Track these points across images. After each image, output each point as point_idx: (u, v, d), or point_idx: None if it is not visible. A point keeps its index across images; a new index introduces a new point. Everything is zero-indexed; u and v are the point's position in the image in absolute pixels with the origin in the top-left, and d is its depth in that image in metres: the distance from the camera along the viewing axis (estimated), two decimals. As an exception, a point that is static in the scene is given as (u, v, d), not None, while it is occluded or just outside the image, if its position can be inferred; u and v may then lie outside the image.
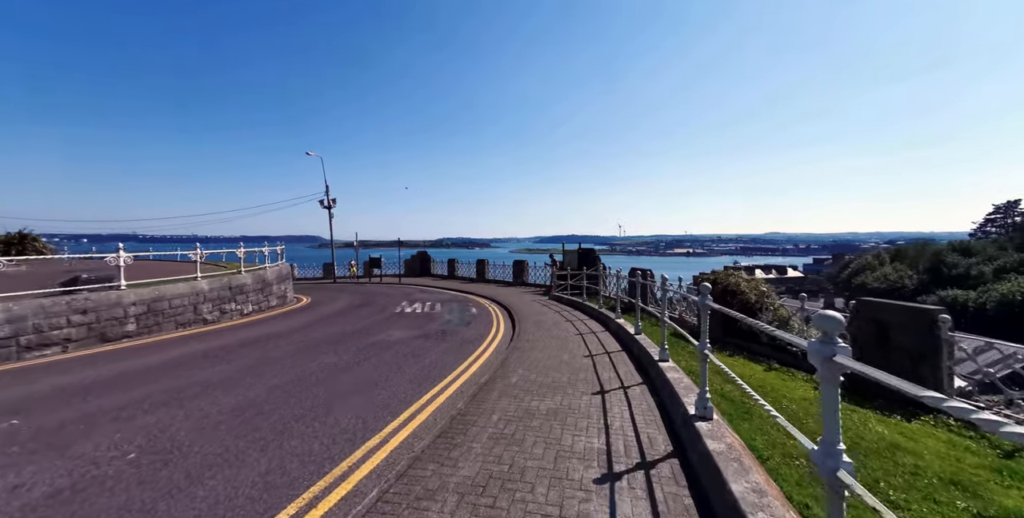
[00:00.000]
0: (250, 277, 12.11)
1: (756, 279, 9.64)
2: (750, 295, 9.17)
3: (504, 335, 9.41)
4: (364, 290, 21.21)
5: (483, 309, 13.61)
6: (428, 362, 6.63)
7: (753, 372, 7.30)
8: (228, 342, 8.12)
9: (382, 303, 15.10)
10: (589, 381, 5.38)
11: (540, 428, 3.86)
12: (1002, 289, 42.63)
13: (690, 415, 3.53)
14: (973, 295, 45.15)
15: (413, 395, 5.02)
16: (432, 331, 9.44)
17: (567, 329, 9.37)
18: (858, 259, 77.90)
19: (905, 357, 6.18)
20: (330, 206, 32.05)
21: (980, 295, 44.73)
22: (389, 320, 11.03)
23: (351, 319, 11.23)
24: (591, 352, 7.09)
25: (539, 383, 5.28)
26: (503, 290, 19.66)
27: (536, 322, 10.49)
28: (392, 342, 8.17)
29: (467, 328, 10.03)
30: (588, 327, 9.59)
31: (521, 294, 17.93)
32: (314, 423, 4.19)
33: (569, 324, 10.05)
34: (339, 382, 5.57)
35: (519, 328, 9.70)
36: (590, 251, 18.93)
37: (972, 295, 45.46)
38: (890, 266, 65.58)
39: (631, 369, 5.95)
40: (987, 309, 39.92)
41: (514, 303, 14.64)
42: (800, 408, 5.36)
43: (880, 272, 64.84)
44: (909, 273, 61.05)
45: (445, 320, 11.13)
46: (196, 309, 9.80)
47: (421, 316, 11.83)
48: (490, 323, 10.94)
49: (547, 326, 9.81)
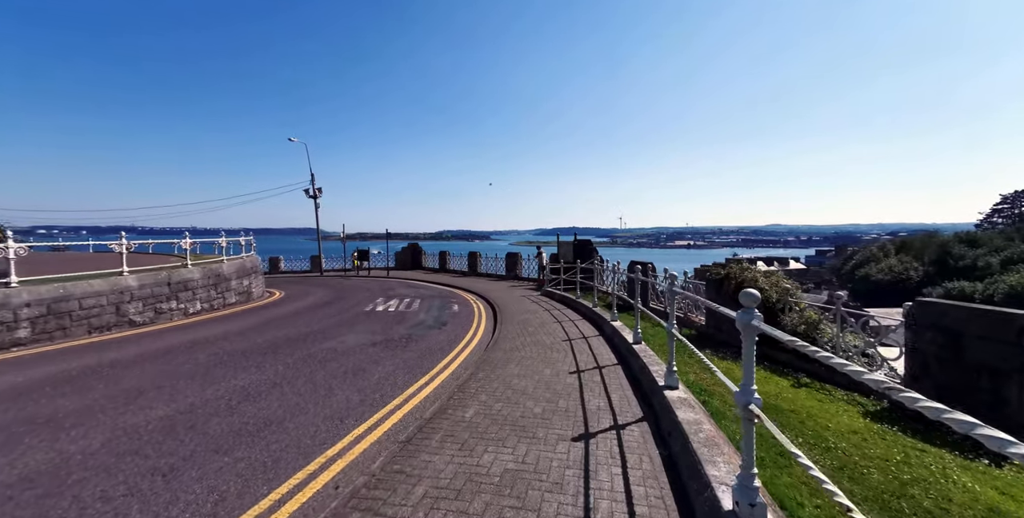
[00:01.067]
0: (198, 271, 10.66)
1: (776, 274, 8.21)
2: (770, 293, 7.74)
3: (481, 340, 8.00)
4: (345, 284, 19.80)
5: (466, 307, 12.19)
6: (370, 383, 5.21)
7: (779, 389, 5.90)
8: (137, 352, 6.68)
9: (356, 299, 13.68)
10: (571, 415, 3.96)
11: (484, 515, 2.45)
12: (1010, 281, 41.32)
13: (724, 511, 2.11)
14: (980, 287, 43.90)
15: (316, 447, 3.49)
16: (396, 336, 8.03)
17: (555, 332, 7.96)
18: (862, 251, 76.60)
19: (984, 376, 4.77)
20: (316, 195, 30.50)
21: (987, 287, 43.47)
22: (352, 321, 9.61)
23: (310, 320, 9.82)
24: (579, 366, 5.67)
25: (503, 419, 3.86)
26: (493, 285, 18.25)
27: (521, 323, 9.08)
28: (340, 352, 6.75)
29: (439, 331, 8.62)
30: (579, 330, 8.18)
31: (511, 289, 16.52)
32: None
33: (558, 326, 8.64)
34: (228, 420, 4.05)
35: (500, 331, 8.29)
36: (586, 243, 17.47)
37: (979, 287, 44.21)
38: (895, 258, 64.34)
39: (628, 395, 4.53)
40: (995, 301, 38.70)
41: (502, 299, 13.22)
42: (854, 448, 3.97)
43: (885, 264, 63.57)
44: (915, 265, 59.84)
45: (417, 321, 9.71)
46: (119, 309, 8.37)
47: (391, 316, 10.42)
48: (468, 324, 9.52)
49: (532, 328, 8.40)
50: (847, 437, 4.32)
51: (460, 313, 11.03)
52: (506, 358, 6.17)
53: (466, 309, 11.74)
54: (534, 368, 5.61)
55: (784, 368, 6.89)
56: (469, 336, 8.28)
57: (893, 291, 55.22)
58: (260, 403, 4.43)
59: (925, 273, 56.94)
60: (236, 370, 5.65)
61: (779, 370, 6.86)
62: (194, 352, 6.63)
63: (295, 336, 7.93)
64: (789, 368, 6.88)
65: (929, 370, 5.36)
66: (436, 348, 7.19)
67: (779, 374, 6.70)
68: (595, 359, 6.04)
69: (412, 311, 11.25)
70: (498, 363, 5.89)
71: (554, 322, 9.09)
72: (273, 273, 29.58)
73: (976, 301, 40.56)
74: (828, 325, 6.87)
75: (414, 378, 5.45)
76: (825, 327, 6.88)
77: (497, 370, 5.54)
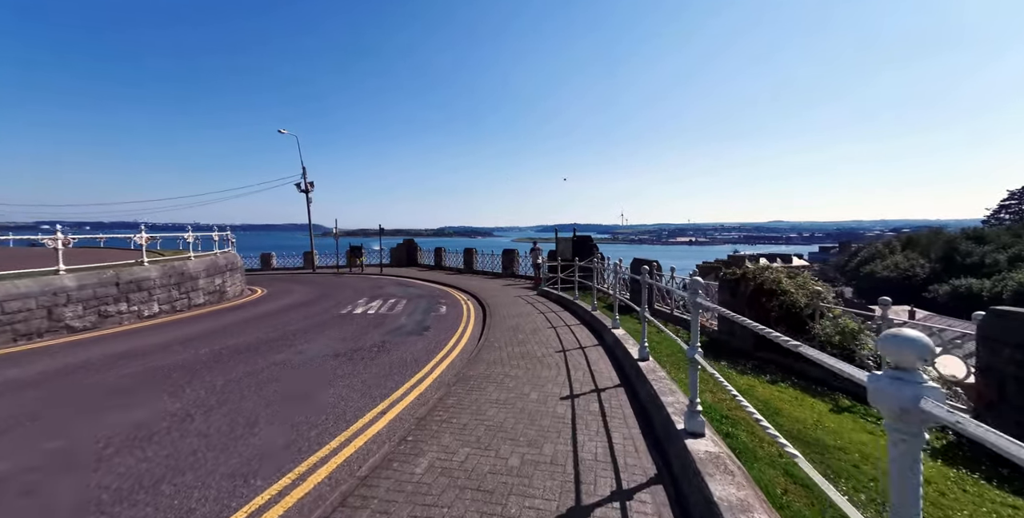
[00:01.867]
0: (156, 270, 9.63)
1: (803, 274, 7.15)
2: (796, 296, 6.69)
3: (464, 349, 6.97)
4: (334, 282, 18.80)
5: (454, 308, 11.15)
6: (310, 414, 4.15)
7: (818, 416, 4.86)
8: (44, 368, 5.59)
9: (337, 299, 12.66)
10: (558, 470, 2.93)
11: None
12: (1018, 277, 40.17)
13: None
14: (988, 284, 42.77)
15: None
16: (367, 345, 7.00)
17: (547, 341, 6.92)
18: (867, 247, 75.37)
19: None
20: (307, 190, 29.43)
21: (995, 284, 42.34)
22: (323, 326, 8.59)
23: (278, 323, 8.80)
24: (573, 388, 4.63)
25: (465, 476, 2.83)
26: (488, 283, 17.21)
27: (512, 328, 8.04)
28: (293, 367, 5.71)
29: (418, 338, 7.59)
30: (576, 338, 7.14)
31: (506, 288, 15.48)
32: None
33: (552, 332, 7.60)
34: (69, 486, 2.92)
35: (485, 339, 7.25)
36: (586, 239, 16.39)
37: (987, 284, 43.06)
38: (901, 254, 63.14)
39: (634, 436, 3.49)
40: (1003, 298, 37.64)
41: (494, 300, 12.19)
42: (932, 507, 2.96)
43: (890, 260, 62.41)
44: (921, 262, 58.69)
45: (396, 326, 8.68)
46: (53, 313, 7.36)
47: (370, 319, 9.38)
48: (453, 329, 8.49)
49: (523, 335, 7.36)
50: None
51: (446, 316, 9.99)
52: (487, 375, 5.14)
53: (454, 311, 10.71)
54: (519, 390, 4.58)
55: (818, 386, 5.85)
56: (451, 344, 7.25)
57: (899, 288, 54.12)
58: (146, 450, 3.36)
59: (931, 270, 55.87)
60: (146, 395, 4.59)
61: (812, 388, 5.82)
62: (112, 368, 5.58)
63: (250, 345, 6.91)
64: (823, 386, 5.83)
65: (1006, 395, 4.32)
66: (409, 361, 6.15)
67: (812, 393, 5.67)
68: (593, 378, 5.00)
69: (394, 313, 10.22)
70: (476, 383, 4.85)
71: (548, 327, 8.05)
72: (264, 270, 28.66)
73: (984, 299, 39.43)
74: (870, 335, 5.81)
75: (369, 405, 4.41)
76: (867, 338, 5.82)
77: (473, 393, 4.51)
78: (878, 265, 66.39)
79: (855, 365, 5.11)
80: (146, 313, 9.23)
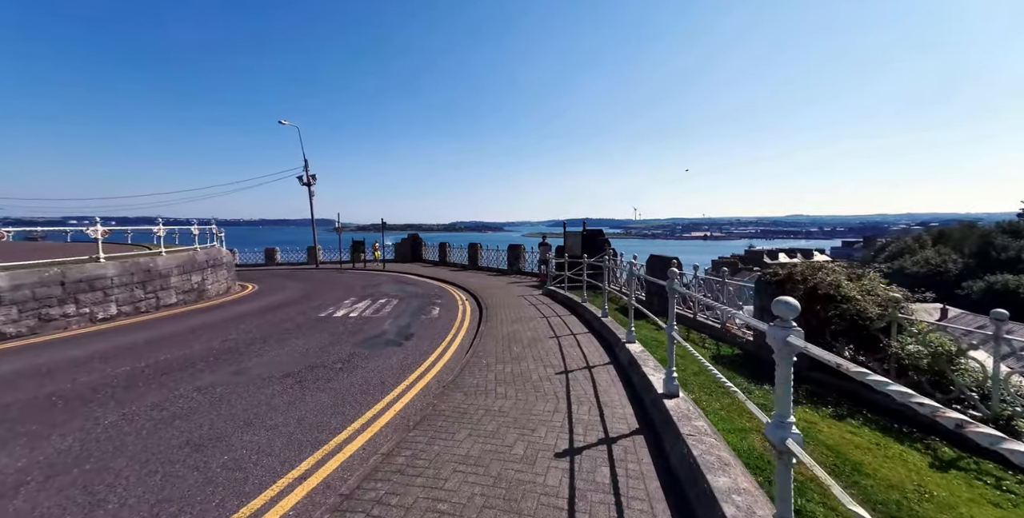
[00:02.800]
0: (113, 267, 8.61)
1: (869, 275, 5.70)
2: (864, 304, 5.25)
3: (445, 367, 5.73)
4: (329, 279, 17.82)
5: (449, 310, 9.93)
6: (200, 480, 2.95)
7: (915, 474, 3.49)
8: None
9: (324, 299, 11.58)
10: None
11: None
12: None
13: None
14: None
15: None
16: (331, 360, 5.81)
17: (547, 356, 5.64)
18: (895, 242, 72.13)
19: None
20: (309, 183, 28.53)
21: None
22: (291, 333, 7.45)
23: (241, 329, 7.70)
24: (573, 440, 3.34)
25: None
26: (491, 281, 15.98)
27: (508, 338, 6.78)
28: (219, 394, 4.52)
29: (396, 350, 6.38)
30: (582, 352, 5.84)
31: (510, 286, 14.22)
32: None
33: (553, 343, 6.32)
34: None
35: (474, 352, 6.01)
36: (596, 234, 14.97)
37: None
38: (931, 249, 60.15)
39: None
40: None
41: (495, 300, 10.95)
42: None
43: (921, 255, 59.41)
44: (953, 257, 55.84)
45: (376, 333, 7.49)
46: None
47: (349, 324, 8.23)
48: (440, 338, 7.27)
49: (519, 348, 6.09)
50: None
51: (436, 320, 8.77)
52: (463, 411, 3.89)
53: (447, 315, 9.48)
54: (499, 439, 3.32)
55: (900, 423, 4.44)
56: (432, 359, 6.02)
57: (929, 284, 51.28)
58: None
59: (965, 266, 52.98)
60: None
61: (892, 427, 4.42)
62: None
63: (186, 360, 5.76)
64: (908, 423, 4.43)
65: None
66: (373, 384, 4.94)
67: (896, 434, 4.27)
68: (602, 419, 3.70)
69: (379, 317, 9.04)
70: (446, 423, 3.61)
71: (550, 337, 6.77)
72: (268, 265, 27.96)
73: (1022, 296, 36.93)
74: (973, 359, 4.36)
75: (288, 463, 3.18)
76: (969, 362, 4.37)
77: (437, 443, 3.26)
78: (907, 260, 63.39)
79: (950, 396, 3.58)
80: (100, 316, 8.22)
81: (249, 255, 29.27)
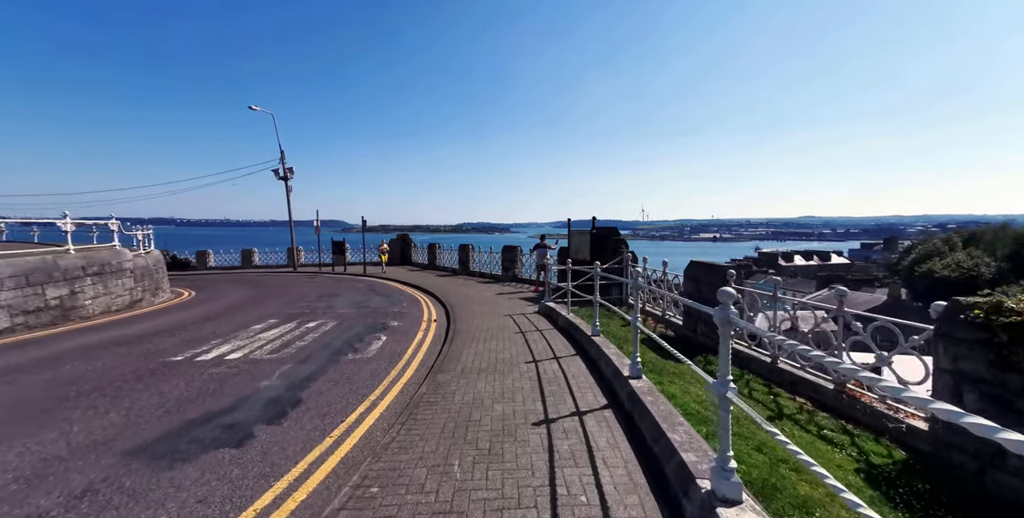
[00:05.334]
0: None
1: None
2: None
3: (306, 503, 2.56)
4: (286, 285, 14.86)
5: (396, 343, 6.75)
6: None
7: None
8: None
9: (236, 319, 8.50)
10: None
11: None
12: (1102, 279, 33.76)
13: None
14: (1065, 285, 36.57)
15: None
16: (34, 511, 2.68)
17: (523, 477, 2.45)
18: (923, 244, 67.91)
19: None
20: (286, 177, 25.63)
21: (1073, 285, 36.10)
22: (77, 401, 4.33)
23: (19, 385, 4.62)
24: None
25: None
26: (479, 290, 12.80)
27: (462, 421, 3.59)
28: None
29: (230, 457, 3.22)
30: (590, 457, 2.63)
31: (500, 298, 11.03)
32: None
33: (539, 435, 3.13)
34: None
35: (375, 474, 2.82)
36: (609, 233, 11.60)
37: (1063, 285, 36.84)
38: (962, 252, 56.21)
39: None
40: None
41: (472, 323, 7.76)
42: None
43: (951, 259, 55.43)
44: (986, 260, 52.02)
45: (232, 402, 4.33)
46: None
47: (212, 376, 5.07)
48: (345, 410, 4.09)
49: (472, 455, 2.91)
50: None
51: (367, 365, 5.59)
52: None
53: (387, 352, 6.29)
54: None
55: None
56: (290, 478, 2.85)
57: (961, 290, 47.46)
58: None
59: (998, 269, 49.35)
60: None
61: None
62: None
63: None
64: None
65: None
66: None
67: None
68: None
69: (279, 357, 5.88)
70: None
71: (536, 412, 3.57)
72: (245, 268, 25.09)
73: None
74: None
75: None
76: None
77: None
78: (936, 263, 59.31)
79: None
80: None
81: (225, 257, 26.64)
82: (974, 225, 65.08)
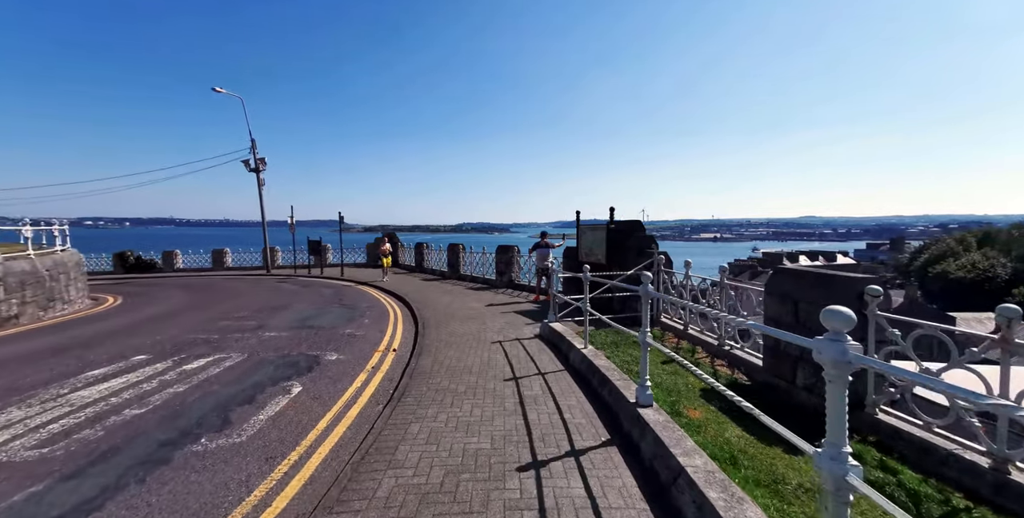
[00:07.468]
0: None
1: None
2: None
3: None
4: (235, 291, 12.39)
5: (317, 395, 4.36)
6: None
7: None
8: None
9: (82, 359, 5.95)
10: None
11: None
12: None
13: None
14: (1081, 286, 34.85)
15: None
16: None
17: None
18: (936, 244, 65.53)
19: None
20: (258, 168, 23.05)
21: (1093, 286, 34.31)
22: None
23: None
24: None
25: None
26: (467, 299, 10.34)
27: None
28: None
29: None
30: None
31: (490, 311, 8.60)
32: None
33: None
34: None
35: None
36: (632, 228, 8.86)
37: (1080, 285, 35.12)
38: (977, 252, 53.95)
39: None
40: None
41: (451, 349, 5.29)
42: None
43: (966, 259, 53.13)
44: (1002, 261, 49.87)
45: None
46: None
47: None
48: None
49: None
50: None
51: (186, 491, 3.11)
52: None
53: (275, 433, 3.82)
54: None
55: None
56: None
57: (976, 291, 45.19)
58: None
59: (1014, 270, 47.41)
60: None
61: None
62: None
63: None
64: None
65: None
66: None
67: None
68: None
69: (22, 464, 3.38)
70: None
71: None
72: (215, 270, 22.98)
73: (1078, 301, 31.19)
74: None
75: None
76: None
77: None
78: (950, 264, 56.99)
79: None
80: None
81: (195, 258, 24.18)
82: (976, 225, 63.21)
